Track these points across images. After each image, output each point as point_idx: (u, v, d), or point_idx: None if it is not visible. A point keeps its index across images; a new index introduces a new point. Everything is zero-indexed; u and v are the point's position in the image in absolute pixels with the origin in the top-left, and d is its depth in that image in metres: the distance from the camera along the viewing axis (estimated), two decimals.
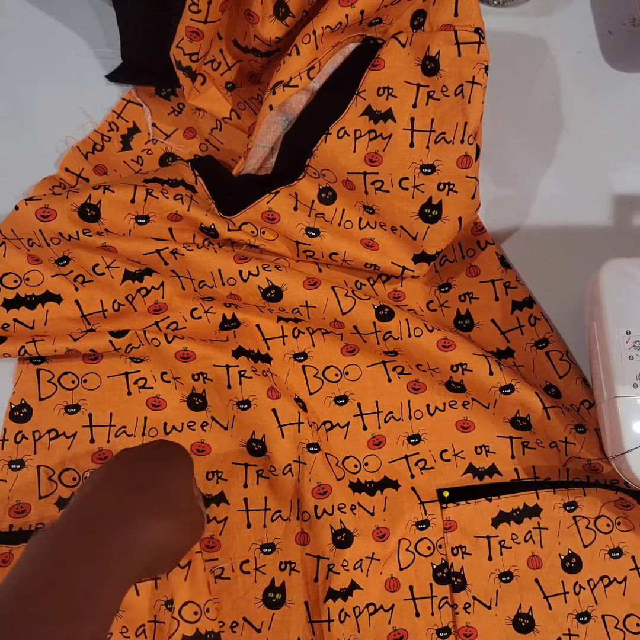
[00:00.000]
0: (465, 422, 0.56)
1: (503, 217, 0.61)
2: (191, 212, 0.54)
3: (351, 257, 0.56)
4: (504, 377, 0.53)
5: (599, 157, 0.62)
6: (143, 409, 0.55)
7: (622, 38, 0.65)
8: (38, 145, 0.61)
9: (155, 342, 0.54)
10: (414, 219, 0.55)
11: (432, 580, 0.53)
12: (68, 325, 0.56)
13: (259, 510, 0.54)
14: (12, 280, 0.56)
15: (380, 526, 0.54)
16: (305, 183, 0.56)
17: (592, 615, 0.52)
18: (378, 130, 0.53)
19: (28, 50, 0.63)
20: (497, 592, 0.52)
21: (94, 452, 0.54)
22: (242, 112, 0.59)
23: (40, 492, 0.53)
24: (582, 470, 0.54)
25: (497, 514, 0.54)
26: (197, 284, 0.55)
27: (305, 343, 0.58)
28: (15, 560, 0.50)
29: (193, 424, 0.55)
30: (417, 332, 0.54)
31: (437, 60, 0.51)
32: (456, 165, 0.53)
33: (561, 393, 0.56)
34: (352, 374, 0.57)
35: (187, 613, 0.49)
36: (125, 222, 0.54)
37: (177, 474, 0.45)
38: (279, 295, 0.54)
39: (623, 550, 0.53)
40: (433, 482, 0.55)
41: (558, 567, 0.53)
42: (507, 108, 0.62)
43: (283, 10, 0.51)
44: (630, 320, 0.50)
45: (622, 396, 0.48)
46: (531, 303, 0.58)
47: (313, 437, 0.54)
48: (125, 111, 0.62)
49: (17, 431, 0.54)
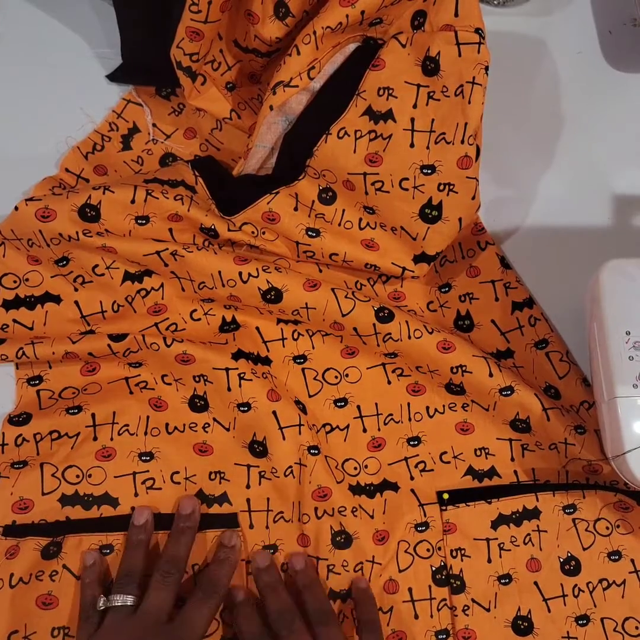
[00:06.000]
0: (465, 424, 0.56)
1: (503, 217, 0.61)
2: (191, 212, 0.54)
3: (351, 257, 0.56)
4: (504, 379, 0.53)
5: (599, 157, 0.62)
6: (145, 408, 0.55)
7: (623, 38, 0.65)
8: (38, 145, 0.60)
9: (154, 346, 0.54)
10: (414, 219, 0.55)
11: (431, 583, 0.52)
12: (67, 326, 0.56)
13: (262, 512, 0.54)
14: (12, 280, 0.56)
15: (380, 529, 0.54)
16: (306, 183, 0.56)
17: (591, 618, 0.52)
18: (378, 130, 0.53)
19: (28, 50, 0.63)
20: (496, 594, 0.52)
21: (98, 450, 0.54)
22: (242, 112, 0.59)
23: (44, 489, 0.53)
24: (582, 472, 0.54)
25: (496, 517, 0.53)
26: (197, 285, 0.55)
27: (304, 345, 0.57)
28: (22, 552, 0.50)
29: (195, 425, 0.55)
30: (417, 334, 0.54)
31: (437, 61, 0.51)
32: (456, 166, 0.52)
33: (561, 394, 0.56)
34: (351, 376, 0.57)
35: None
36: (125, 222, 0.54)
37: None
38: (279, 296, 0.54)
39: (622, 553, 0.53)
40: (432, 484, 0.55)
41: (557, 569, 0.53)
42: (507, 108, 0.62)
43: (283, 11, 0.51)
44: (630, 320, 0.50)
45: (622, 396, 0.48)
46: (531, 303, 0.58)
47: (313, 440, 0.54)
48: (126, 111, 0.62)
49: (16, 434, 0.54)
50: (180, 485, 0.54)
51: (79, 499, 0.53)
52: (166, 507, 0.53)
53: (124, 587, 0.48)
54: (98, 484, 0.53)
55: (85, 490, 0.53)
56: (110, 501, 0.53)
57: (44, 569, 0.50)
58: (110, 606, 0.47)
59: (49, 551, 0.51)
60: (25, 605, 0.50)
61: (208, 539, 0.52)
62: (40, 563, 0.50)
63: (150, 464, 0.54)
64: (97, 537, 0.52)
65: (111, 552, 0.51)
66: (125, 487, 0.53)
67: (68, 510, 0.53)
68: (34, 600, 0.50)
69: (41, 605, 0.50)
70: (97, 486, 0.53)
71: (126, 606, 0.47)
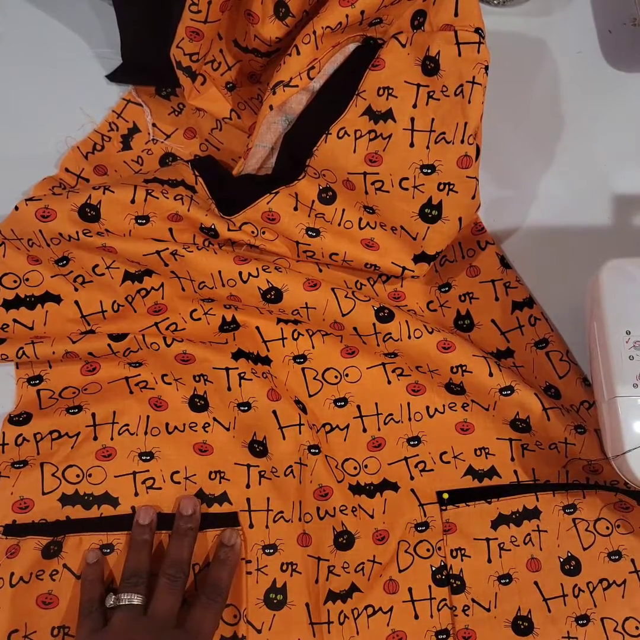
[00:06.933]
0: (465, 424, 0.56)
1: (503, 217, 0.61)
2: (191, 212, 0.54)
3: (351, 257, 0.56)
4: (504, 379, 0.53)
5: (599, 157, 0.62)
6: (145, 407, 0.55)
7: (623, 38, 0.65)
8: (38, 145, 0.60)
9: (154, 346, 0.54)
10: (414, 219, 0.55)
11: (431, 583, 0.52)
12: (67, 326, 0.56)
13: (262, 511, 0.54)
14: (12, 280, 0.56)
15: (380, 529, 0.54)
16: (305, 183, 0.56)
17: (591, 618, 0.52)
18: (378, 130, 0.53)
19: (28, 50, 0.63)
20: (496, 594, 0.52)
21: (98, 449, 0.54)
22: (242, 112, 0.59)
23: (44, 489, 0.53)
24: (582, 472, 0.54)
25: (496, 517, 0.53)
26: (197, 285, 0.55)
27: (304, 345, 0.57)
28: (22, 552, 0.50)
29: (195, 425, 0.55)
30: (417, 334, 0.54)
31: (437, 61, 0.51)
32: (456, 165, 0.52)
33: (561, 393, 0.56)
34: (351, 375, 0.57)
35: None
36: (125, 222, 0.54)
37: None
38: (279, 296, 0.54)
39: (622, 553, 0.53)
40: (432, 484, 0.55)
41: (557, 569, 0.52)
42: (507, 108, 0.62)
43: (283, 11, 0.51)
44: (630, 320, 0.50)
45: (622, 396, 0.48)
46: (531, 303, 0.58)
47: (313, 439, 0.54)
48: (125, 111, 0.62)
49: (17, 434, 0.54)
50: (180, 485, 0.54)
51: (79, 498, 0.53)
52: (166, 506, 0.53)
53: (134, 586, 0.48)
54: (98, 484, 0.53)
55: (85, 489, 0.53)
56: (111, 501, 0.53)
57: (44, 568, 0.50)
58: (119, 605, 0.48)
59: (49, 550, 0.51)
60: (25, 604, 0.50)
61: (209, 539, 0.52)
62: (41, 562, 0.51)
63: (151, 463, 0.54)
64: (98, 537, 0.52)
65: (111, 552, 0.51)
66: (125, 486, 0.53)
67: (68, 509, 0.53)
68: (35, 600, 0.50)
69: (41, 605, 0.50)
70: (98, 486, 0.53)
71: (135, 605, 0.47)
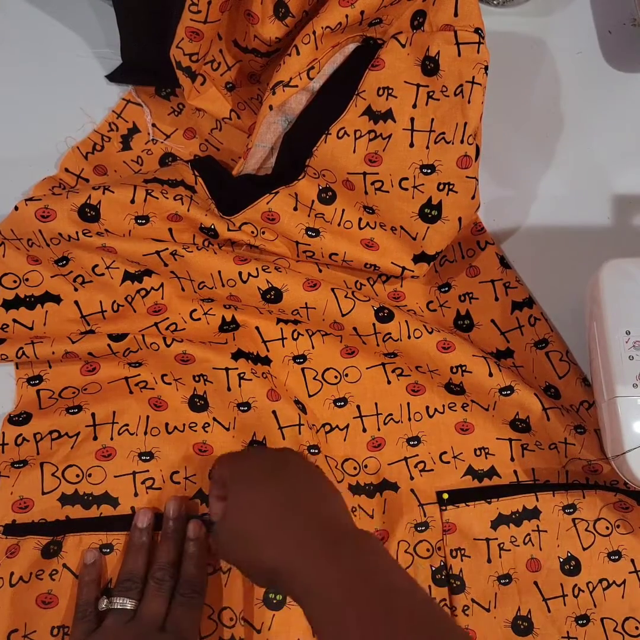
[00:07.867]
0: (465, 424, 0.56)
1: (503, 217, 0.61)
2: (191, 212, 0.54)
3: (351, 257, 0.56)
4: (504, 379, 0.53)
5: (599, 157, 0.62)
6: (145, 407, 0.55)
7: (622, 38, 0.65)
8: (38, 145, 0.60)
9: (154, 346, 0.54)
10: (413, 219, 0.55)
11: (430, 583, 0.52)
12: (67, 326, 0.56)
13: None
14: (12, 280, 0.56)
15: (380, 529, 0.54)
16: (305, 183, 0.56)
17: (591, 618, 0.52)
18: (378, 130, 0.53)
19: (28, 50, 0.63)
20: (496, 594, 0.52)
21: (98, 449, 0.54)
22: (242, 112, 0.59)
23: (44, 488, 0.53)
24: (582, 472, 0.54)
25: (496, 517, 0.53)
26: (197, 285, 0.55)
27: (304, 345, 0.57)
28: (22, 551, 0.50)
29: (195, 425, 0.55)
30: (416, 334, 0.54)
31: (437, 61, 0.51)
32: (456, 166, 0.52)
33: (561, 393, 0.56)
34: (351, 376, 0.57)
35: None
36: (125, 222, 0.54)
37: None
38: (278, 296, 0.54)
39: (622, 553, 0.53)
40: (432, 484, 0.55)
41: (557, 569, 0.52)
42: (507, 108, 0.62)
43: (283, 11, 0.51)
44: (630, 320, 0.50)
45: (622, 396, 0.48)
46: (531, 303, 0.58)
47: (313, 439, 0.54)
48: (125, 111, 0.62)
49: (17, 434, 0.54)
50: (180, 485, 0.54)
51: (79, 498, 0.53)
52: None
53: (127, 591, 0.48)
54: (98, 484, 0.53)
55: (85, 489, 0.53)
56: (110, 501, 0.53)
57: (44, 568, 0.51)
58: (111, 608, 0.48)
59: (49, 550, 0.51)
60: (25, 604, 0.50)
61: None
62: (41, 562, 0.51)
63: (150, 463, 0.54)
64: (97, 537, 0.52)
65: (111, 552, 0.51)
66: (125, 486, 0.53)
67: (68, 509, 0.53)
68: (34, 599, 0.50)
69: (41, 604, 0.50)
70: (97, 485, 0.53)
71: (127, 610, 0.48)
